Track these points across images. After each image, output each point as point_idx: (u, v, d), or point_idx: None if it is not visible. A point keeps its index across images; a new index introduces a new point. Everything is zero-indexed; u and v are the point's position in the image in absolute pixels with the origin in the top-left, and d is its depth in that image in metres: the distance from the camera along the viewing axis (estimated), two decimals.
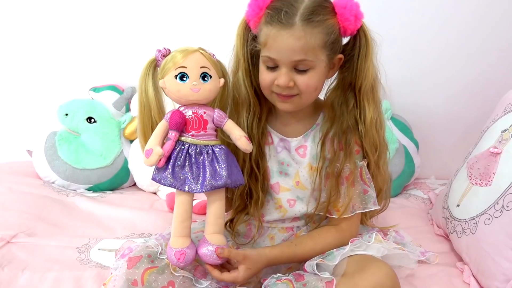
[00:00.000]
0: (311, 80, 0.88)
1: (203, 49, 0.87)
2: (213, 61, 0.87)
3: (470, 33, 1.53)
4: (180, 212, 0.85)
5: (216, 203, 0.87)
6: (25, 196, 1.38)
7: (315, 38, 0.84)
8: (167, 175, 0.83)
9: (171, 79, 0.84)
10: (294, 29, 0.83)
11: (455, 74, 1.58)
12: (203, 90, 0.84)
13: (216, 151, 0.85)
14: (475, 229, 1.04)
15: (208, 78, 0.85)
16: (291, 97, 0.90)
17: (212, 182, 0.82)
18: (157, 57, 0.87)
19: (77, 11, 1.61)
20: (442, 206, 1.25)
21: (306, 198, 1.01)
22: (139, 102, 0.89)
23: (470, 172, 1.16)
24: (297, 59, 0.85)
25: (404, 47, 1.54)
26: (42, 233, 1.22)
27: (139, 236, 1.24)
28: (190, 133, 0.85)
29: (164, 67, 0.85)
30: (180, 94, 0.84)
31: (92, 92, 1.61)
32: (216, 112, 0.87)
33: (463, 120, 1.62)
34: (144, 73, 0.88)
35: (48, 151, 1.52)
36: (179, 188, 0.83)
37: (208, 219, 0.88)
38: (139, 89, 0.89)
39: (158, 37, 1.60)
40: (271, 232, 1.05)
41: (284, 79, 0.87)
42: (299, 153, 1.00)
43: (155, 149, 0.82)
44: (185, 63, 0.83)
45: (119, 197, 1.48)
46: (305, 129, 1.00)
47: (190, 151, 0.84)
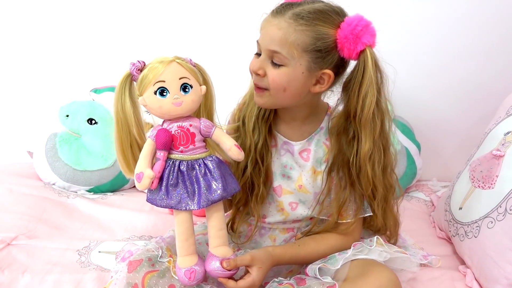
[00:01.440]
0: (280, 77, 0.85)
1: (179, 58, 0.82)
2: (191, 69, 0.82)
3: (473, 35, 1.52)
4: (181, 231, 0.84)
5: (215, 215, 0.86)
6: (25, 197, 1.38)
7: (297, 35, 0.82)
8: (162, 197, 0.81)
9: (151, 96, 0.80)
10: (280, 19, 0.83)
11: (458, 76, 1.57)
12: (186, 103, 0.81)
13: (208, 163, 0.83)
14: (478, 232, 1.04)
15: (189, 89, 0.81)
16: (262, 91, 0.89)
17: (208, 197, 0.81)
18: (132, 71, 0.82)
19: (77, 12, 1.60)
20: (444, 208, 1.24)
21: (308, 201, 1.00)
22: (116, 119, 0.84)
23: (473, 174, 1.15)
24: (271, 49, 0.84)
25: (407, 48, 1.54)
26: (43, 235, 1.22)
27: (140, 239, 1.24)
28: (178, 150, 0.82)
29: (141, 83, 0.80)
30: (163, 111, 0.81)
31: (93, 94, 1.60)
32: (202, 123, 0.85)
33: (465, 122, 1.61)
34: (120, 89, 0.82)
35: (48, 152, 1.52)
36: (176, 208, 0.82)
37: (211, 232, 0.86)
38: (115, 106, 0.83)
39: (158, 37, 1.60)
40: (272, 233, 1.05)
41: (255, 64, 0.87)
42: (302, 156, 0.99)
43: (145, 172, 0.79)
44: (162, 76, 0.79)
45: (120, 199, 1.48)
46: (308, 132, 0.99)
47: (182, 168, 0.82)
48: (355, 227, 0.98)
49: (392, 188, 0.97)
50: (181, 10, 1.59)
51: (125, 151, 0.86)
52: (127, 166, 0.87)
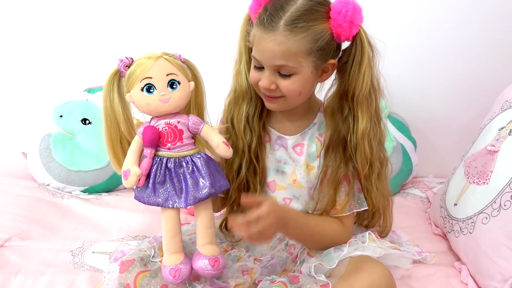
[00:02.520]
0: (294, 85, 0.86)
1: (166, 54, 0.82)
2: (179, 65, 0.82)
3: (466, 30, 1.51)
4: (168, 228, 0.83)
5: (203, 213, 0.85)
6: (19, 198, 1.37)
7: (298, 44, 0.82)
8: (149, 194, 0.81)
9: (138, 92, 0.79)
10: (276, 33, 0.82)
11: (453, 71, 1.57)
12: (173, 99, 0.80)
13: (196, 160, 0.82)
14: (473, 228, 1.03)
15: (177, 85, 0.80)
16: (276, 99, 0.90)
17: (195, 194, 0.80)
18: (120, 67, 0.81)
19: (70, 12, 1.59)
20: (440, 205, 1.24)
21: (302, 197, 1.00)
22: (105, 116, 0.83)
23: (468, 170, 1.15)
24: (278, 64, 0.84)
25: (401, 45, 1.53)
26: (36, 236, 1.21)
27: (134, 239, 1.23)
28: (166, 147, 0.82)
29: (128, 80, 0.80)
30: (150, 107, 0.80)
31: (87, 93, 1.59)
32: (190, 119, 0.84)
33: (461, 118, 1.60)
34: (108, 85, 0.82)
35: (42, 153, 1.51)
36: (163, 205, 0.81)
37: (198, 230, 0.86)
38: (104, 103, 0.83)
39: (152, 36, 1.59)
40: None
41: (265, 82, 0.87)
42: (296, 151, 0.99)
43: (132, 170, 0.79)
44: (149, 73, 0.78)
45: (115, 199, 1.47)
46: (302, 127, 0.99)
47: (169, 165, 0.81)
48: (350, 222, 0.97)
49: (385, 160, 0.98)
50: (174, 8, 1.58)
51: (115, 147, 0.85)
52: (117, 162, 0.87)
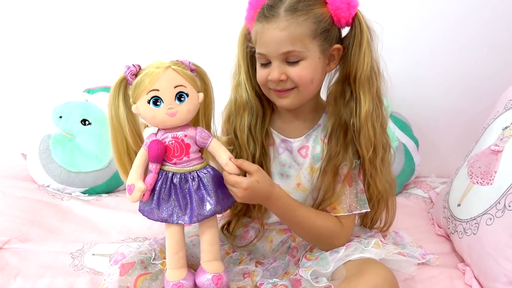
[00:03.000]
0: (304, 71, 0.85)
1: (175, 63, 0.78)
2: (188, 76, 0.78)
3: (468, 29, 1.50)
4: (172, 243, 0.82)
5: (208, 231, 0.84)
6: (19, 200, 1.36)
7: (301, 27, 0.82)
8: (153, 209, 0.80)
9: (144, 105, 0.77)
10: (278, 20, 0.83)
11: (455, 70, 1.55)
12: (181, 113, 0.78)
13: (202, 176, 0.80)
14: (477, 229, 1.02)
15: (185, 98, 0.78)
16: (288, 92, 0.88)
17: (200, 212, 0.79)
18: (127, 75, 0.78)
19: (70, 13, 1.59)
20: (443, 205, 1.23)
21: (306, 201, 0.98)
22: (111, 126, 0.81)
23: (471, 170, 1.13)
24: (284, 51, 0.83)
25: (404, 43, 1.52)
26: (36, 238, 1.20)
27: (134, 240, 1.22)
28: (172, 161, 0.80)
29: (135, 91, 0.77)
30: (156, 121, 0.78)
31: (86, 94, 1.59)
32: (198, 133, 0.81)
33: (463, 116, 1.59)
34: (114, 94, 0.79)
35: (42, 154, 1.50)
36: (167, 221, 0.80)
37: (203, 246, 0.85)
38: (109, 111, 0.80)
39: (153, 37, 1.58)
40: (269, 234, 1.04)
41: (275, 72, 0.85)
42: (301, 154, 0.98)
43: (137, 185, 0.78)
44: (156, 85, 0.76)
45: (115, 200, 1.46)
46: (307, 129, 0.98)
47: (174, 180, 0.79)
48: (349, 222, 0.95)
49: (388, 145, 0.97)
50: (177, 9, 1.57)
51: (121, 157, 0.84)
52: (124, 172, 0.85)
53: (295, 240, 1.02)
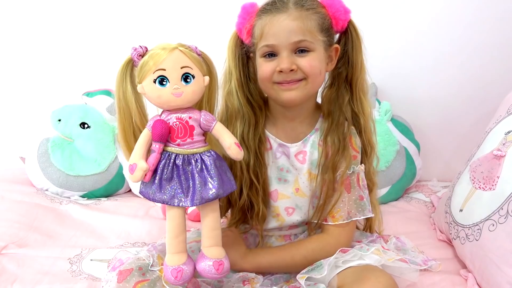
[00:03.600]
0: (314, 62, 0.86)
1: (182, 45, 0.79)
2: (195, 58, 0.79)
3: (471, 32, 1.50)
4: (172, 226, 0.81)
5: (210, 215, 0.82)
6: (17, 204, 1.36)
7: (310, 20, 0.85)
8: (155, 190, 0.78)
9: (150, 84, 0.77)
10: (288, 11, 0.85)
11: (456, 74, 1.54)
12: (186, 94, 0.77)
13: (205, 159, 0.79)
14: (479, 235, 1.01)
15: (191, 79, 0.77)
16: (297, 83, 0.87)
17: (203, 195, 0.78)
18: (133, 56, 0.79)
19: (69, 16, 1.58)
20: (445, 210, 1.21)
21: (305, 206, 0.97)
22: (118, 108, 0.81)
23: (473, 175, 1.12)
24: (296, 40, 0.85)
25: (405, 47, 1.52)
26: (34, 243, 1.19)
27: (133, 245, 1.21)
28: (175, 142, 0.79)
29: (141, 70, 0.77)
30: (161, 100, 0.78)
31: (85, 97, 1.58)
32: (202, 116, 0.81)
33: (466, 120, 1.58)
34: (121, 75, 0.80)
35: (41, 158, 1.49)
36: (168, 203, 0.79)
37: (204, 231, 0.83)
38: (117, 93, 0.81)
39: (152, 39, 1.56)
40: (268, 240, 1.02)
41: (286, 62, 0.85)
42: (298, 159, 0.97)
43: (139, 164, 0.76)
44: (163, 64, 0.76)
45: (114, 204, 1.46)
46: (304, 134, 0.97)
47: (177, 161, 0.78)
48: (341, 231, 0.94)
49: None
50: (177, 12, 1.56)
51: (128, 139, 0.83)
52: (129, 150, 0.84)
53: None
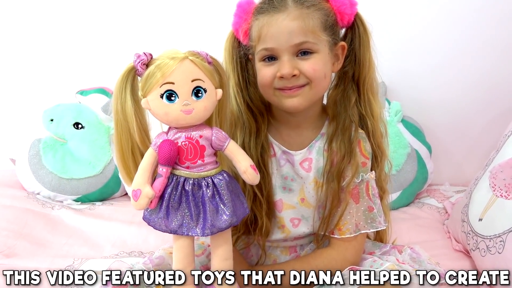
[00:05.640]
0: (318, 65, 0.79)
1: (193, 54, 0.69)
2: (206, 69, 0.70)
3: (483, 31, 1.43)
4: (180, 258, 0.73)
5: (222, 247, 0.74)
6: (6, 210, 1.29)
7: (311, 18, 0.78)
8: (161, 218, 0.70)
9: (156, 99, 0.67)
10: (287, 10, 0.78)
11: (470, 72, 1.48)
12: (197, 110, 0.68)
13: (217, 182, 0.71)
14: (502, 248, 0.94)
15: (202, 94, 0.68)
16: (300, 89, 0.80)
17: (214, 224, 0.70)
18: (136, 65, 0.69)
19: (62, 10, 1.53)
20: (461, 219, 1.14)
21: (311, 217, 0.91)
22: (115, 121, 0.72)
23: (494, 182, 1.05)
24: (297, 42, 0.77)
25: (416, 45, 1.46)
26: (23, 253, 1.13)
27: (129, 255, 1.15)
28: (184, 165, 0.70)
29: (146, 83, 0.68)
30: (169, 118, 0.68)
31: (79, 96, 1.52)
32: (214, 134, 0.72)
33: (479, 121, 1.52)
34: (120, 85, 0.70)
35: (32, 159, 1.43)
36: (176, 233, 0.71)
37: (214, 262, 0.75)
38: (114, 105, 0.71)
39: (149, 36, 1.52)
40: (273, 252, 0.95)
41: (287, 66, 0.77)
42: (303, 167, 0.89)
43: (144, 190, 0.68)
44: (172, 77, 0.66)
45: (109, 209, 1.39)
46: (309, 140, 0.89)
47: (186, 186, 0.70)
48: (348, 246, 0.87)
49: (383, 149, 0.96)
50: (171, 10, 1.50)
51: (125, 157, 0.74)
52: (127, 174, 0.75)
53: None
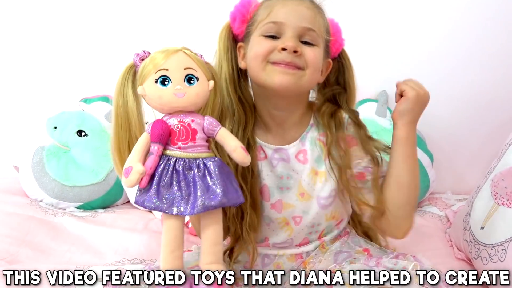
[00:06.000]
0: (318, 56, 0.83)
1: (187, 49, 0.76)
2: (199, 61, 0.76)
3: (489, 39, 1.45)
4: (169, 239, 0.73)
5: (211, 227, 0.74)
6: (9, 217, 1.28)
7: (320, 18, 0.84)
8: (151, 196, 0.71)
9: (151, 84, 0.72)
10: (304, 1, 0.84)
11: (471, 81, 1.50)
12: (189, 95, 0.73)
13: (208, 164, 0.73)
14: (504, 256, 0.94)
15: (194, 81, 0.73)
16: (296, 69, 0.81)
17: (205, 201, 0.70)
18: (135, 61, 0.76)
19: (66, 19, 1.54)
20: (463, 227, 1.14)
21: (312, 209, 0.91)
22: (115, 114, 0.76)
23: (495, 190, 1.06)
24: (306, 26, 0.81)
25: (417, 54, 1.47)
26: (25, 260, 1.12)
27: (131, 262, 1.15)
28: (176, 145, 0.73)
29: (142, 72, 0.74)
30: (163, 101, 0.73)
31: (83, 104, 1.53)
32: (206, 120, 0.75)
33: (481, 130, 1.53)
34: (122, 80, 0.76)
35: (35, 167, 1.43)
36: (166, 211, 0.71)
37: (203, 246, 0.75)
38: (116, 99, 0.76)
39: (151, 44, 1.51)
40: (278, 260, 0.95)
41: (292, 41, 0.80)
42: (299, 159, 0.90)
43: (135, 167, 0.70)
44: (166, 64, 0.72)
45: (111, 217, 1.39)
46: (299, 132, 0.91)
47: (178, 166, 0.72)
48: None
49: None
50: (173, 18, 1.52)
51: (121, 149, 0.77)
52: (122, 166, 0.76)
53: (307, 267, 0.93)
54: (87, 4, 1.52)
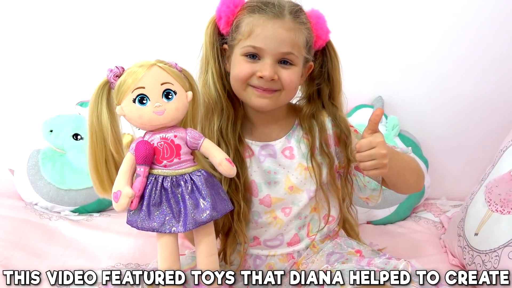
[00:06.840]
0: (294, 77, 0.86)
1: (161, 61, 0.76)
2: (175, 73, 0.75)
3: (481, 46, 1.44)
4: (164, 257, 0.75)
5: (205, 240, 0.76)
6: (3, 220, 1.28)
7: (300, 34, 0.85)
8: (143, 218, 0.72)
9: (129, 104, 0.73)
10: (284, 20, 0.83)
11: (467, 87, 1.48)
12: (169, 111, 0.74)
13: (195, 179, 0.74)
14: (498, 262, 0.94)
15: (173, 95, 0.74)
16: (272, 93, 0.85)
17: (195, 218, 0.72)
18: (109, 78, 0.75)
19: (61, 21, 1.53)
20: (458, 233, 1.14)
21: (302, 201, 0.93)
22: (90, 132, 0.77)
23: (489, 197, 1.06)
24: (284, 51, 0.83)
25: (413, 60, 1.47)
26: (19, 263, 1.12)
27: (126, 267, 1.14)
28: (161, 164, 0.74)
29: (119, 91, 0.74)
30: (143, 120, 0.73)
31: (79, 107, 1.52)
32: (189, 133, 0.77)
33: (476, 136, 1.52)
34: (96, 97, 0.76)
35: (30, 170, 1.43)
36: (159, 231, 0.73)
37: (199, 259, 0.77)
38: (90, 116, 0.76)
39: (146, 47, 1.52)
40: (270, 261, 0.96)
41: (269, 70, 0.83)
42: (285, 155, 0.93)
43: (123, 190, 0.71)
44: (142, 82, 0.72)
45: (107, 221, 1.38)
46: (285, 131, 0.95)
47: (165, 184, 0.73)
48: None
49: None
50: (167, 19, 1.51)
51: (98, 167, 0.78)
52: (100, 184, 0.79)
53: (299, 268, 0.93)
54: (83, 7, 1.51)
